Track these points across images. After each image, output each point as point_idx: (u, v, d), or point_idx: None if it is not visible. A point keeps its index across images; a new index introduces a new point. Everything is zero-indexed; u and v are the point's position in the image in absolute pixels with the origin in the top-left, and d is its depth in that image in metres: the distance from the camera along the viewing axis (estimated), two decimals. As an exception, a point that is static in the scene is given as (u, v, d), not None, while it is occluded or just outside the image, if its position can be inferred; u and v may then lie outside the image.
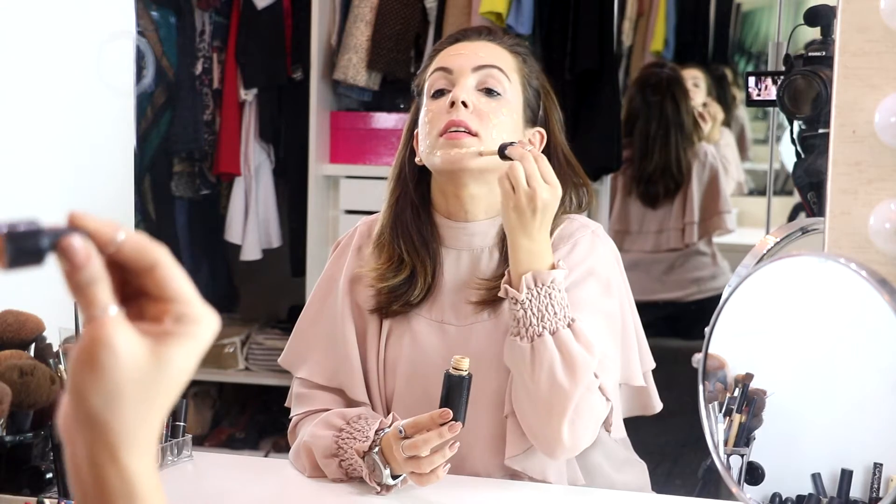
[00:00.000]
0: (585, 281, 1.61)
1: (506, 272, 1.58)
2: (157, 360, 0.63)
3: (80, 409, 0.62)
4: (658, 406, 1.75)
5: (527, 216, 1.53)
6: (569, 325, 1.54)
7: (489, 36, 1.72)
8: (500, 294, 1.58)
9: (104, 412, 0.61)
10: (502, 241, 1.66)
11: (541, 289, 1.53)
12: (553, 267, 1.56)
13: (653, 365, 1.74)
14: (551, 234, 1.60)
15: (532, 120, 1.71)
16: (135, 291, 0.65)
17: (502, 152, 1.58)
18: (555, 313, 1.53)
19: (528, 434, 1.57)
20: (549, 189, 1.54)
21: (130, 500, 0.62)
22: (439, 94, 1.68)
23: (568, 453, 1.57)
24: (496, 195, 1.66)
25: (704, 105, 4.30)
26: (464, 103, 1.63)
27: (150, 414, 0.63)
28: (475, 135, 1.62)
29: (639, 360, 1.69)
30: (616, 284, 1.66)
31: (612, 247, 1.70)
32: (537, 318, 1.53)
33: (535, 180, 1.53)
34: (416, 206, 1.70)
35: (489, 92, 1.66)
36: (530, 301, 1.53)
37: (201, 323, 0.65)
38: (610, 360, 1.60)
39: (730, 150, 4.51)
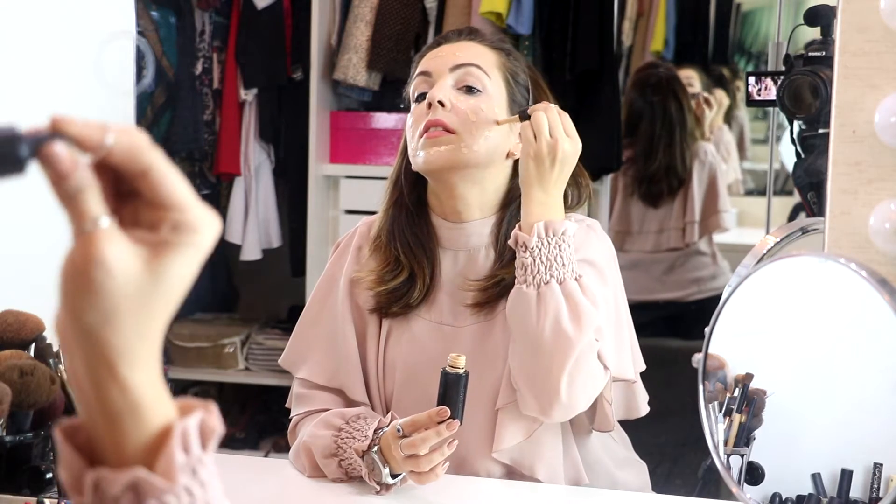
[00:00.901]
0: (581, 268, 1.61)
1: (517, 226, 1.57)
2: (154, 273, 0.59)
3: (76, 325, 0.59)
4: (644, 410, 1.73)
5: (545, 166, 1.54)
6: (576, 280, 1.53)
7: (469, 36, 1.73)
8: (510, 242, 1.57)
9: (101, 329, 0.58)
10: (496, 240, 1.67)
11: (551, 239, 1.53)
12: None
13: (643, 367, 1.73)
14: None
15: (521, 114, 1.71)
16: (129, 193, 0.61)
17: (524, 114, 1.59)
18: (563, 265, 1.53)
19: (526, 389, 1.55)
20: (571, 142, 1.55)
21: (134, 413, 0.60)
22: (421, 97, 1.70)
23: (564, 411, 1.55)
24: (488, 195, 1.67)
25: (711, 92, 4.30)
26: (440, 103, 1.64)
27: (149, 327, 0.60)
28: (454, 132, 1.63)
29: (631, 357, 1.69)
30: (611, 278, 1.66)
31: (608, 243, 1.70)
32: (545, 267, 1.52)
33: (557, 130, 1.55)
34: (412, 209, 1.71)
35: (469, 90, 1.66)
36: (539, 249, 1.53)
37: (200, 230, 0.61)
38: (608, 337, 1.59)
39: (730, 147, 4.51)
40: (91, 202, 0.59)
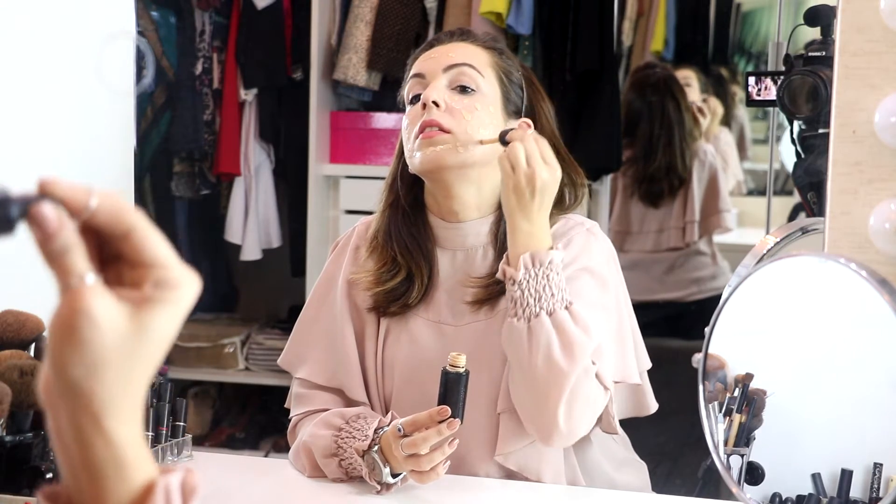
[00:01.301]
0: (580, 277, 1.61)
1: (504, 257, 1.58)
2: (139, 327, 0.61)
3: (62, 380, 0.60)
4: (653, 407, 1.74)
5: (526, 197, 1.54)
6: (566, 308, 1.53)
7: (461, 36, 1.74)
8: (498, 275, 1.58)
9: (86, 382, 0.60)
10: (496, 239, 1.67)
11: (538, 269, 1.53)
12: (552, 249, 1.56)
13: (649, 365, 1.74)
14: None
15: (517, 112, 1.71)
16: (112, 255, 0.63)
17: (503, 139, 1.58)
18: (552, 295, 1.53)
19: (525, 419, 1.56)
20: (549, 169, 1.55)
21: (118, 468, 0.61)
22: (416, 98, 1.70)
23: (564, 440, 1.55)
24: (484, 194, 1.68)
25: (704, 100, 4.30)
26: (434, 103, 1.64)
27: (133, 380, 0.61)
28: (449, 132, 1.63)
29: (635, 359, 1.69)
30: (612, 282, 1.66)
31: (608, 245, 1.70)
32: (534, 299, 1.52)
33: (534, 160, 1.54)
34: (408, 210, 1.71)
35: (463, 89, 1.67)
36: (527, 281, 1.53)
37: (181, 287, 0.63)
38: (607, 352, 1.59)
39: (729, 148, 4.52)
40: (77, 260, 0.61)
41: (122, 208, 0.62)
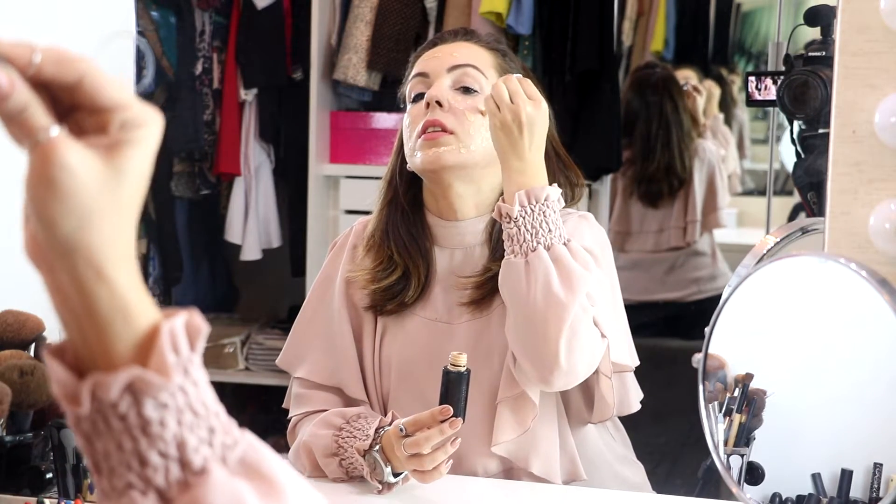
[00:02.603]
0: None
1: (500, 199, 1.56)
2: (116, 171, 0.60)
3: (55, 237, 0.59)
4: (636, 406, 1.72)
5: (514, 134, 1.54)
6: (564, 244, 1.53)
7: (465, 36, 1.75)
8: (493, 215, 1.57)
9: (80, 234, 0.59)
10: (490, 237, 1.68)
11: (534, 206, 1.52)
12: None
13: (637, 362, 1.72)
14: None
15: None
16: (67, 108, 0.62)
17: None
18: (549, 230, 1.52)
19: (525, 359, 1.53)
20: (533, 104, 1.55)
21: (124, 314, 0.60)
22: (418, 97, 1.71)
23: (564, 377, 1.52)
24: (484, 194, 1.68)
25: (700, 81, 4.30)
26: (438, 103, 1.65)
27: (123, 225, 0.61)
28: (451, 133, 1.63)
29: (627, 345, 1.68)
30: (605, 263, 1.65)
31: (601, 232, 1.70)
32: (531, 235, 1.52)
33: (518, 96, 1.55)
34: (406, 208, 1.71)
35: (466, 90, 1.68)
36: (523, 218, 1.52)
37: (147, 124, 0.62)
38: (601, 302, 1.57)
39: (727, 136, 4.50)
40: (37, 115, 0.59)
41: (67, 57, 0.61)
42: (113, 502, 0.61)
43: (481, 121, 1.65)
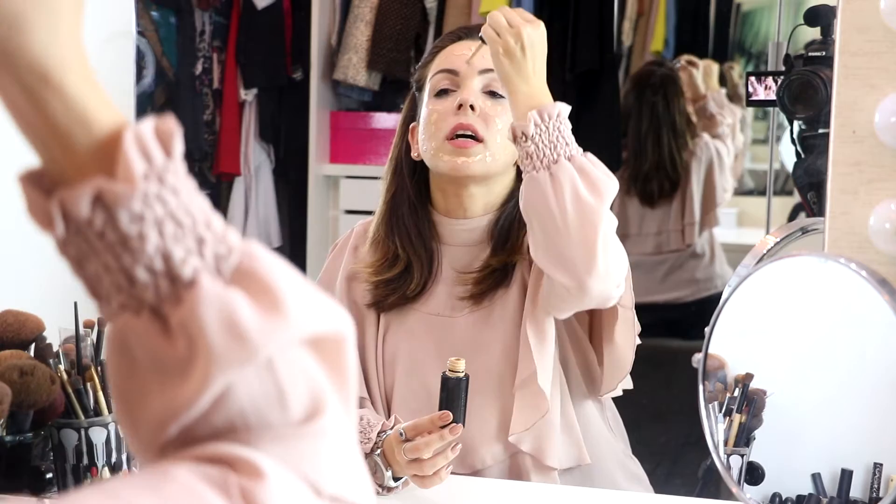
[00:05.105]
0: None
1: (511, 123, 1.55)
2: None
3: None
4: (619, 391, 1.71)
5: (517, 56, 1.53)
6: (583, 155, 1.52)
7: None
8: (507, 137, 1.55)
9: (14, 39, 0.55)
10: (492, 234, 1.68)
11: (549, 122, 1.51)
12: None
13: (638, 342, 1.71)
14: None
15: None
16: None
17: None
18: (567, 143, 1.51)
19: (560, 267, 1.50)
20: (532, 24, 1.54)
21: (84, 121, 0.57)
22: (443, 93, 1.69)
23: (602, 281, 1.49)
24: (495, 193, 1.69)
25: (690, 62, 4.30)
26: (472, 107, 1.64)
27: (64, 28, 0.57)
28: (481, 141, 1.64)
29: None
30: None
31: None
32: (550, 149, 1.50)
33: (515, 20, 1.54)
34: (413, 201, 1.71)
35: (493, 94, 1.67)
36: (539, 135, 1.50)
37: None
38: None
39: (735, 115, 4.48)
40: None
41: None
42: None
43: (507, 126, 1.63)
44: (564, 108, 1.53)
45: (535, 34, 1.54)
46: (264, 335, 0.56)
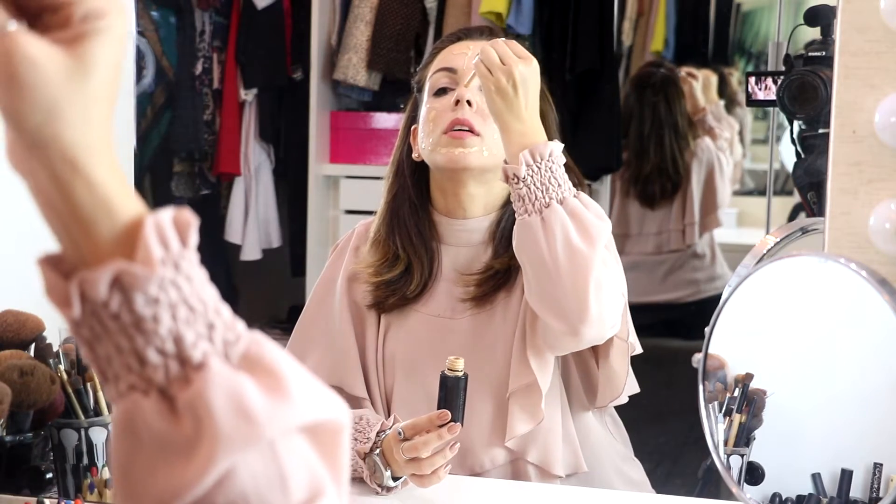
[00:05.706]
0: None
1: (503, 164, 1.55)
2: (80, 62, 0.57)
3: (25, 133, 0.57)
4: (624, 399, 1.71)
5: (510, 94, 1.52)
6: (575, 196, 1.52)
7: (491, 36, 1.74)
8: (500, 180, 1.56)
9: (49, 126, 0.57)
10: (493, 235, 1.68)
11: (540, 163, 1.50)
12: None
13: (639, 349, 1.71)
14: None
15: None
16: (35, 13, 0.59)
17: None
18: (559, 185, 1.51)
19: (552, 313, 1.51)
20: (524, 62, 1.54)
21: (108, 208, 0.59)
22: (442, 92, 1.70)
23: (595, 327, 1.50)
24: (494, 193, 1.68)
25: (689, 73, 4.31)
26: (468, 102, 1.64)
27: (96, 116, 0.58)
28: (478, 134, 1.64)
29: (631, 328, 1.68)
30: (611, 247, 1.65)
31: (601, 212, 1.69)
32: (542, 191, 1.50)
33: (508, 57, 1.53)
34: (414, 202, 1.72)
35: None
36: (531, 176, 1.50)
37: (111, 12, 0.59)
38: (611, 263, 1.57)
39: (733, 129, 4.48)
40: None
41: None
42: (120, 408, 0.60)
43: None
44: (557, 147, 1.53)
45: (528, 71, 1.53)
46: (270, 417, 0.58)
